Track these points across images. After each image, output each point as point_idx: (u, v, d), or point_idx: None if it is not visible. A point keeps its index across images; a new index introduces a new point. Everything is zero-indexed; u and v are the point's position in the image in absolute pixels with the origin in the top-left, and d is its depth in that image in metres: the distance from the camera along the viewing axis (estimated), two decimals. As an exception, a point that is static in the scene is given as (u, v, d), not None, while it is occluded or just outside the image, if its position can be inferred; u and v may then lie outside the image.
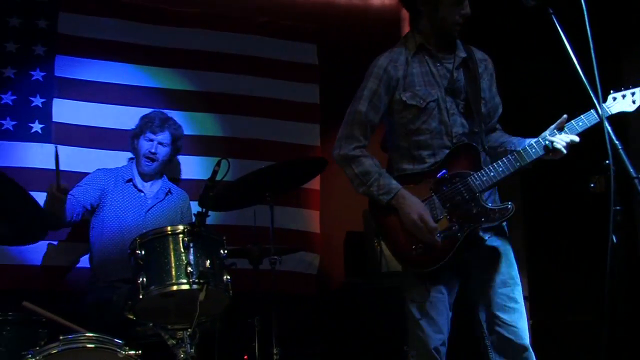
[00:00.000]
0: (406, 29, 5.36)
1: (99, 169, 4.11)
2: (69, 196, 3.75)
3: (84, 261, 4.17)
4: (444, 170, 2.90)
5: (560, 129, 2.84)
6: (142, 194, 4.03)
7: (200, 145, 4.75)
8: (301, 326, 4.48)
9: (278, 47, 5.05)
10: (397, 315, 4.15)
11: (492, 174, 2.86)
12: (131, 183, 4.03)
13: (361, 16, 5.35)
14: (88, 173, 4.15)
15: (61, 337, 2.86)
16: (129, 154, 4.26)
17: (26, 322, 3.06)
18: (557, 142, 2.81)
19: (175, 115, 4.42)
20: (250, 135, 4.87)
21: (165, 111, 4.35)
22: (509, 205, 2.84)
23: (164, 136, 4.00)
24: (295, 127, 4.98)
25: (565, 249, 5.57)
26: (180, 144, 4.16)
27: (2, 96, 4.31)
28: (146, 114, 4.12)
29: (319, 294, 4.86)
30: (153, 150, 3.96)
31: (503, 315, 2.90)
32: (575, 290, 5.47)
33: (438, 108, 2.94)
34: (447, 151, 2.94)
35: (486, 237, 2.94)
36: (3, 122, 4.29)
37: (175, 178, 4.50)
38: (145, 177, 4.05)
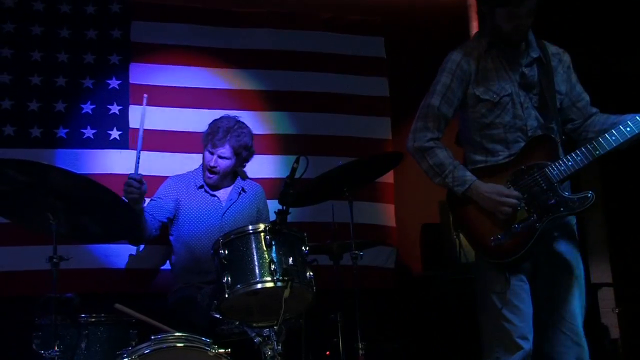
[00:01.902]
0: (474, 19, 5.29)
1: (170, 178, 4.13)
2: (145, 215, 3.79)
3: (166, 264, 4.27)
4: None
5: None
6: (216, 198, 4.03)
7: (274, 144, 4.79)
8: (382, 320, 4.47)
9: (345, 42, 5.06)
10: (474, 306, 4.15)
11: (570, 163, 2.83)
12: (203, 189, 4.05)
13: (427, 7, 5.29)
14: (166, 177, 4.22)
15: (152, 337, 2.94)
16: (199, 157, 4.28)
17: (118, 323, 3.18)
18: None
19: (247, 115, 4.47)
20: (322, 132, 4.88)
21: (238, 112, 4.39)
22: (589, 194, 2.80)
23: (224, 150, 3.93)
24: (367, 122, 4.98)
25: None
26: (246, 154, 4.08)
27: (82, 106, 4.46)
28: (214, 122, 4.04)
29: (398, 287, 4.83)
30: (213, 164, 3.94)
31: (564, 313, 2.92)
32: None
33: (512, 102, 2.95)
34: (522, 144, 2.94)
35: (554, 235, 2.92)
36: (84, 130, 4.43)
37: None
38: (211, 187, 4.06)
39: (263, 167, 4.68)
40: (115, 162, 4.41)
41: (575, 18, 4.55)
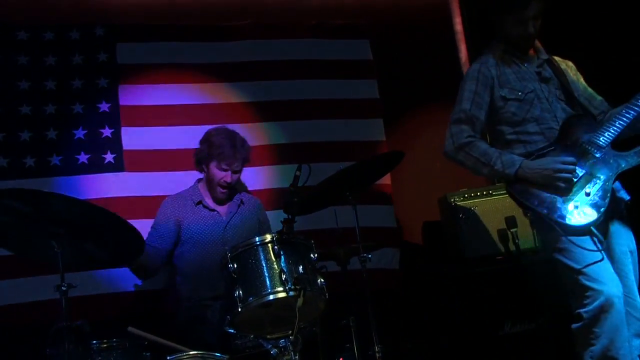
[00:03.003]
0: (456, 15, 5.32)
1: (166, 200, 4.08)
2: (148, 248, 3.71)
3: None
4: None
5: None
6: (215, 212, 4.01)
7: (268, 155, 4.78)
8: (393, 322, 4.45)
9: (331, 48, 5.07)
10: (487, 299, 4.14)
11: (611, 128, 2.92)
12: (202, 204, 4.02)
13: (410, 7, 5.31)
14: (163, 196, 4.19)
15: (168, 358, 2.92)
16: (193, 174, 4.26)
17: (131, 347, 3.13)
18: None
19: (239, 128, 4.45)
20: (316, 139, 4.88)
21: (230, 126, 4.36)
22: None
23: (237, 164, 3.93)
24: (359, 125, 4.98)
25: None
26: (249, 160, 4.11)
27: (75, 132, 4.43)
28: (214, 136, 4.00)
29: (404, 287, 4.83)
30: (229, 181, 3.91)
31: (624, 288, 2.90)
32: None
33: (537, 98, 3.08)
34: (556, 132, 3.04)
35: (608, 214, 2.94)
36: (78, 156, 4.41)
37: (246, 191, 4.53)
38: (216, 202, 4.03)
39: (259, 178, 4.67)
40: (112, 186, 4.39)
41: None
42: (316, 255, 3.12)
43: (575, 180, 2.88)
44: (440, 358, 4.39)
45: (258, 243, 3.03)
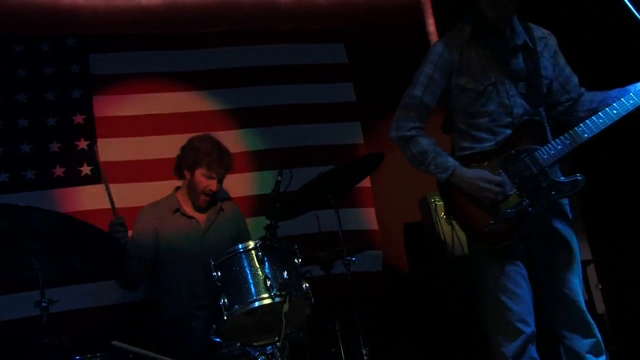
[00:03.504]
0: (429, 16, 5.34)
1: (143, 209, 3.99)
2: (129, 259, 3.63)
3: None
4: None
5: None
6: (194, 220, 3.94)
7: (246, 162, 4.76)
8: (378, 324, 4.45)
9: (306, 52, 5.07)
10: (470, 298, 4.15)
11: (559, 147, 2.83)
12: (179, 212, 3.96)
13: (383, 9, 5.33)
14: (141, 208, 4.14)
15: (155, 371, 2.87)
16: (171, 184, 4.17)
17: (114, 361, 3.09)
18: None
19: (217, 135, 4.40)
20: (294, 144, 4.87)
21: (207, 134, 4.33)
22: (579, 177, 2.80)
23: (223, 172, 3.88)
24: (337, 128, 4.98)
25: (623, 209, 5.47)
26: (231, 168, 4.03)
27: (49, 145, 4.37)
28: (200, 143, 3.90)
29: (388, 290, 4.83)
30: (214, 189, 3.84)
31: (567, 290, 2.91)
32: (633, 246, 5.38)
33: (496, 91, 2.94)
34: (508, 132, 2.93)
35: (548, 216, 2.91)
36: (53, 170, 4.35)
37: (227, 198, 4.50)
38: (198, 209, 4.00)
39: (237, 185, 4.63)
40: (90, 198, 4.33)
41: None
42: (300, 260, 3.10)
43: (501, 198, 2.82)
44: (427, 359, 4.39)
45: (241, 250, 3.00)
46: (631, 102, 2.79)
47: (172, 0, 4.92)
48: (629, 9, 2.33)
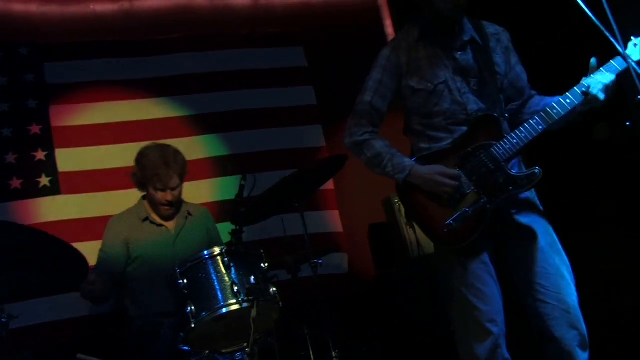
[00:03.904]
0: (387, 17, 5.38)
1: (111, 221, 3.88)
2: (99, 274, 3.55)
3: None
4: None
5: None
6: (163, 227, 3.89)
7: (208, 168, 4.73)
8: (347, 326, 4.45)
9: (266, 57, 5.06)
10: (436, 298, 4.18)
11: (514, 141, 2.81)
12: (148, 220, 3.91)
13: (340, 9, 5.36)
14: (103, 217, 4.07)
15: (121, 382, 2.82)
16: (135, 192, 4.14)
17: (80, 374, 3.03)
18: (593, 83, 2.73)
19: (177, 142, 4.34)
20: (256, 149, 4.86)
21: (168, 141, 4.25)
22: (536, 170, 2.78)
23: (174, 181, 3.76)
24: (299, 132, 4.99)
25: (578, 207, 5.58)
26: (186, 171, 3.93)
27: (5, 156, 4.28)
28: (144, 157, 3.78)
29: (354, 291, 4.83)
30: (170, 199, 3.76)
31: (544, 282, 2.84)
32: (596, 239, 5.49)
33: (448, 89, 2.91)
34: (465, 129, 2.90)
35: (512, 211, 2.88)
36: (10, 182, 4.25)
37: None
38: (166, 218, 3.94)
39: (200, 192, 4.60)
40: (49, 210, 4.26)
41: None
42: (267, 264, 3.08)
43: (459, 196, 2.80)
44: (397, 358, 4.40)
45: (207, 256, 2.98)
46: (567, 100, 2.78)
47: (127, 7, 4.86)
48: (584, 11, 2.36)
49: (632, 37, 2.73)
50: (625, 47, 2.63)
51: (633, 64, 2.35)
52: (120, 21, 4.83)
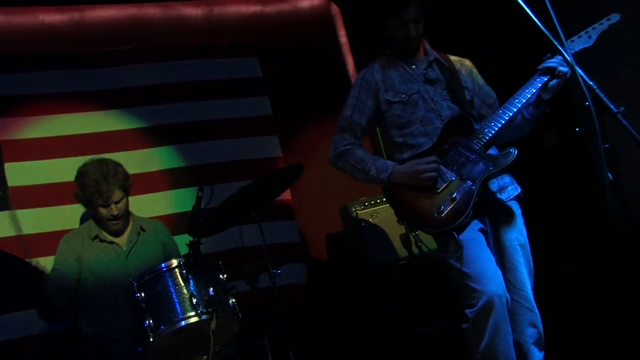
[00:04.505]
0: (340, 27, 5.41)
1: (62, 240, 3.76)
2: (52, 290, 3.48)
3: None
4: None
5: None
6: (115, 244, 3.82)
7: (163, 181, 4.68)
8: (307, 335, 4.44)
9: (220, 67, 5.04)
10: (395, 303, 4.21)
11: (486, 130, 2.97)
12: (98, 239, 3.83)
13: (294, 20, 5.37)
14: (55, 232, 3.99)
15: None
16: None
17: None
18: (550, 62, 2.92)
19: (131, 155, 4.36)
20: (212, 160, 4.83)
21: (121, 153, 4.23)
22: (512, 149, 2.93)
23: (116, 194, 3.65)
24: (255, 142, 4.98)
25: (532, 205, 5.69)
26: (129, 183, 3.81)
27: (-50, 172, 4.16)
28: (82, 176, 3.65)
29: (313, 301, 4.83)
30: (115, 213, 3.66)
31: (512, 279, 3.00)
32: (548, 243, 5.60)
33: (422, 98, 3.12)
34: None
35: (500, 196, 3.05)
36: (-44, 199, 4.13)
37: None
38: (116, 233, 3.86)
39: (155, 205, 4.55)
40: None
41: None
42: (225, 276, 3.08)
43: (444, 183, 2.92)
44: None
45: (165, 269, 2.96)
46: (537, 79, 2.97)
47: (77, 17, 4.78)
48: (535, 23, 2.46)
49: (568, 41, 2.85)
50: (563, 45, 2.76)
51: (579, 70, 2.43)
52: (70, 32, 4.73)
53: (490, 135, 2.95)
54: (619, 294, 4.19)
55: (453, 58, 3.29)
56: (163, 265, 2.96)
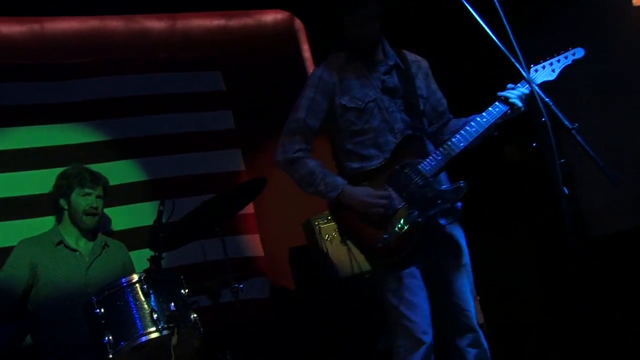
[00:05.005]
0: (303, 42, 5.45)
1: (21, 241, 3.79)
2: None
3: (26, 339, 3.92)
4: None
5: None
6: (77, 253, 3.78)
7: (125, 195, 4.62)
8: (269, 350, 4.42)
9: (183, 81, 5.02)
10: (359, 318, 4.23)
11: (439, 157, 2.94)
12: (62, 244, 3.78)
13: (258, 34, 5.39)
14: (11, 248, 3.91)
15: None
16: (52, 219, 4.00)
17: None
18: (510, 93, 2.91)
19: (93, 168, 4.25)
20: (174, 174, 4.79)
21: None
22: (461, 184, 2.91)
23: (99, 189, 3.78)
24: (217, 156, 4.96)
25: (491, 219, 5.77)
26: (109, 189, 3.95)
27: None
28: (68, 170, 3.84)
29: (276, 316, 4.81)
30: (94, 205, 3.73)
31: (459, 302, 2.99)
32: (508, 257, 5.68)
33: (377, 107, 3.02)
34: (393, 147, 3.01)
35: (443, 223, 2.98)
36: None
37: (108, 232, 4.35)
38: (88, 234, 3.83)
39: (116, 219, 4.49)
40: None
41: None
42: (187, 290, 3.06)
43: (391, 211, 2.89)
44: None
45: (125, 284, 2.92)
46: (497, 109, 2.96)
47: (37, 29, 4.73)
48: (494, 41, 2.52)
49: (532, 65, 2.95)
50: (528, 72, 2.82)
51: (536, 87, 2.51)
52: (30, 43, 4.67)
53: (442, 164, 2.92)
54: (574, 308, 4.26)
55: (411, 58, 3.19)
56: (124, 280, 2.93)
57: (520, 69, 2.54)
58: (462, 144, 2.92)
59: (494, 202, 5.76)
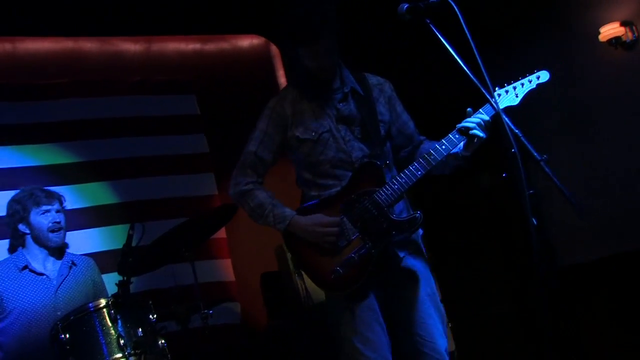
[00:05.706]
0: (279, 67, 5.48)
1: None
2: None
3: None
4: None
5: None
6: (44, 277, 3.70)
7: (96, 217, 4.58)
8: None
9: (157, 104, 5.01)
10: (330, 344, 4.20)
11: (395, 186, 2.88)
12: (27, 269, 3.71)
13: (233, 59, 5.41)
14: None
15: None
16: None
17: None
18: (468, 122, 2.83)
19: (63, 190, 4.18)
20: (147, 197, 4.77)
21: (54, 189, 4.12)
22: (417, 214, 2.87)
23: (57, 203, 3.70)
24: (191, 180, 4.94)
25: (464, 247, 5.81)
26: (65, 204, 3.85)
27: None
28: (18, 194, 3.71)
29: (246, 341, 4.77)
30: (57, 220, 3.64)
31: (422, 332, 2.91)
32: (483, 285, 5.72)
33: (332, 137, 2.97)
34: (350, 175, 2.96)
35: (401, 255, 2.94)
36: None
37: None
38: (55, 253, 3.75)
39: (87, 242, 4.46)
40: None
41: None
42: (155, 316, 3.02)
43: (345, 242, 2.84)
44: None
45: (92, 309, 2.88)
46: (457, 136, 2.89)
47: (9, 48, 4.70)
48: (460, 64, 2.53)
49: (496, 88, 2.88)
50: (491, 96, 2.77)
51: (504, 115, 2.49)
52: (1, 63, 4.65)
53: (399, 193, 2.86)
54: (542, 334, 4.28)
55: (373, 81, 3.11)
56: (90, 305, 2.89)
57: (488, 97, 2.53)
58: (419, 173, 2.86)
59: (467, 230, 5.81)
